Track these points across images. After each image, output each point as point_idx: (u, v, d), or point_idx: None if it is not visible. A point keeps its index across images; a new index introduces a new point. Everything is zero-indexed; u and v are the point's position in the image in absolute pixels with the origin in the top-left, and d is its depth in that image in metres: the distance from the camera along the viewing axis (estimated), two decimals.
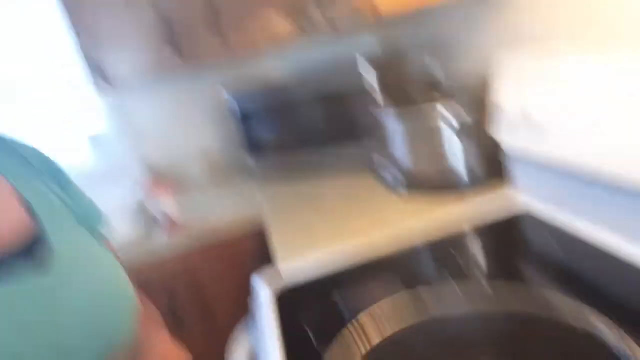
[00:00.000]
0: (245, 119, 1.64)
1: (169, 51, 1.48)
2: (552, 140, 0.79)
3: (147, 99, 1.83)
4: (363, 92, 1.36)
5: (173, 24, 1.47)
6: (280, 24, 1.50)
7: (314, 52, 1.84)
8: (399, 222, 1.02)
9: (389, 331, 0.68)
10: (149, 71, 1.51)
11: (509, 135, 0.91)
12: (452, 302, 0.72)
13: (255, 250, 1.41)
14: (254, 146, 1.66)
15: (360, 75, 1.36)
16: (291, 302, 0.84)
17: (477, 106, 1.02)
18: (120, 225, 1.49)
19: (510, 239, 0.90)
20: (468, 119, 1.02)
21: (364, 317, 0.73)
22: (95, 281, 0.53)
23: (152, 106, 1.84)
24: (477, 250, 0.88)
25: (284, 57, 1.85)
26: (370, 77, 1.35)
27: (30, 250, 0.48)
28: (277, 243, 1.06)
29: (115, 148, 1.83)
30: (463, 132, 1.03)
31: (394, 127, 1.17)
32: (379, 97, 1.36)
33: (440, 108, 1.04)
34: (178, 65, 1.50)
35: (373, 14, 0.95)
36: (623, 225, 0.73)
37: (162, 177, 1.81)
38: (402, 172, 1.17)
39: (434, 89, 1.19)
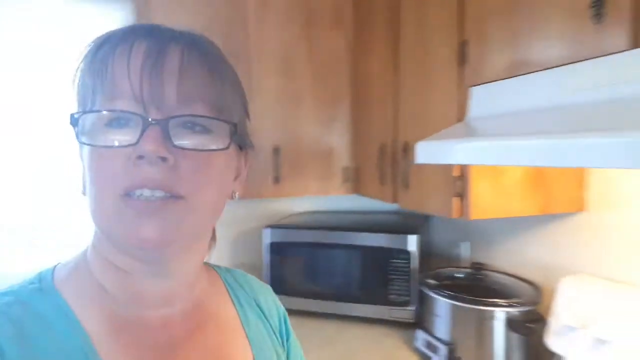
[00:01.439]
0: (276, 251, 1.69)
1: None
2: (607, 356, 0.94)
3: None
4: (405, 256, 1.50)
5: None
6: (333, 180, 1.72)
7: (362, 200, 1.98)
8: None
9: None
10: None
11: (563, 343, 1.06)
12: None
13: None
14: (279, 283, 1.68)
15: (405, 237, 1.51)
16: None
17: (532, 312, 1.17)
18: None
19: None
20: (520, 319, 1.16)
21: None
22: None
23: None
24: None
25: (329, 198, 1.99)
26: (415, 243, 1.50)
27: None
28: None
29: None
30: (513, 331, 1.16)
31: (442, 309, 1.28)
32: (420, 265, 1.51)
33: (497, 308, 1.18)
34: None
35: (459, 215, 1.11)
36: None
37: None
38: (443, 352, 1.25)
39: (484, 282, 1.33)
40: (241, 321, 0.59)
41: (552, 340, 1.09)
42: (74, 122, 0.46)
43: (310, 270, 1.65)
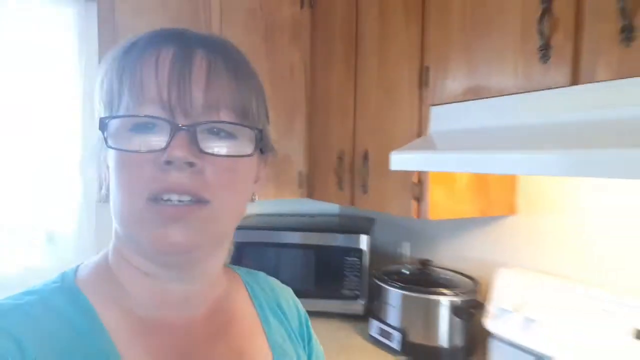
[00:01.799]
0: (235, 252, 1.76)
1: None
2: (538, 335, 1.17)
3: None
4: (357, 254, 1.67)
5: None
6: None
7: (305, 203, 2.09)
8: None
9: None
10: None
11: (499, 324, 1.27)
12: None
13: None
14: None
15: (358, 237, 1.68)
16: None
17: (472, 300, 1.39)
18: None
19: None
20: (462, 306, 1.37)
21: None
22: None
23: None
24: None
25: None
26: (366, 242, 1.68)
27: None
28: None
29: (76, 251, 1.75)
30: (456, 316, 1.36)
31: (395, 299, 1.46)
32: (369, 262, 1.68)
33: (443, 297, 1.38)
34: None
35: (417, 216, 1.29)
36: None
37: None
38: (397, 338, 1.43)
39: (430, 276, 1.53)
40: (262, 323, 0.60)
41: (490, 322, 1.30)
42: (104, 126, 0.46)
43: (270, 268, 1.73)
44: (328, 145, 1.70)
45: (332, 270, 1.68)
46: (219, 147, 0.47)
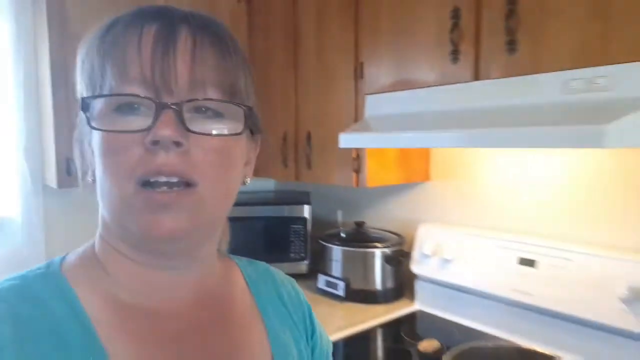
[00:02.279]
0: None
1: None
2: (452, 271, 1.52)
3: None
4: (302, 222, 1.95)
5: None
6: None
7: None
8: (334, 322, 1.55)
9: None
10: None
11: (422, 266, 1.62)
12: None
13: None
14: None
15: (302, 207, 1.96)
16: None
17: (400, 250, 1.73)
18: None
19: (409, 327, 1.56)
20: (392, 256, 1.70)
21: None
22: None
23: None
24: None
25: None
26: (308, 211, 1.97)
27: None
28: None
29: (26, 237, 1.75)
30: (388, 264, 1.69)
31: (338, 255, 1.76)
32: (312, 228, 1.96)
33: (376, 249, 1.71)
34: None
35: (356, 185, 1.57)
36: (486, 318, 1.46)
37: None
38: (341, 286, 1.72)
39: (364, 235, 1.84)
40: (261, 315, 0.58)
41: (415, 266, 1.64)
42: (86, 107, 0.44)
43: None
44: (272, 127, 1.92)
45: (280, 237, 1.93)
46: (206, 126, 0.45)
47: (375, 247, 1.70)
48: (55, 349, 0.42)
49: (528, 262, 1.33)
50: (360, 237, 1.79)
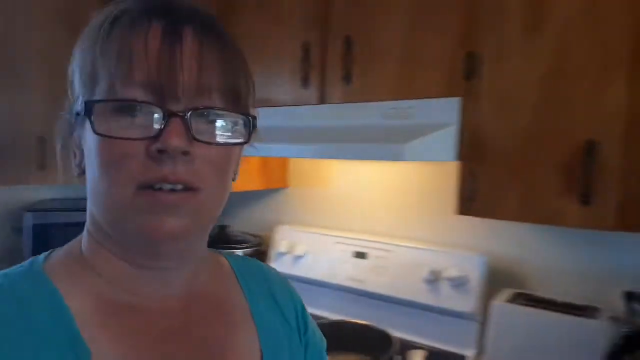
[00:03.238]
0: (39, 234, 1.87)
1: None
2: (302, 266, 1.73)
3: None
4: None
5: None
6: None
7: None
8: None
9: None
10: None
11: (278, 263, 1.81)
12: None
13: None
14: None
15: None
16: None
17: (258, 250, 1.92)
18: None
19: None
20: (251, 254, 1.85)
21: None
22: None
23: None
24: None
25: None
26: None
27: None
28: None
29: None
30: None
31: None
32: None
33: (237, 250, 1.88)
34: None
35: None
36: (330, 306, 1.70)
37: None
38: None
39: (228, 237, 1.99)
40: (251, 312, 0.57)
41: (272, 263, 1.83)
42: (90, 110, 0.42)
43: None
44: None
45: None
46: (213, 135, 0.45)
47: (235, 248, 1.86)
48: (37, 348, 0.42)
49: (361, 255, 1.62)
50: (223, 240, 1.94)
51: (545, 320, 1.22)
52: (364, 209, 1.74)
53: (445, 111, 1.21)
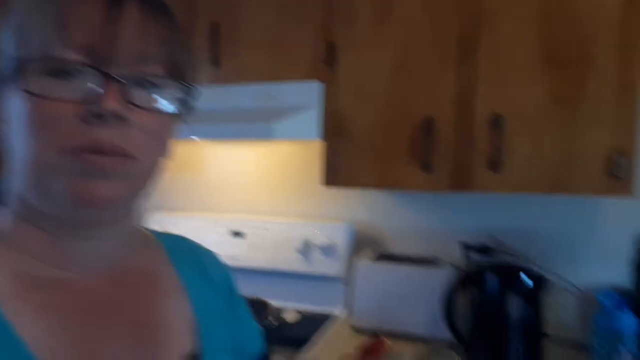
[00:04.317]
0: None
1: None
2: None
3: None
4: None
5: None
6: None
7: None
8: None
9: None
10: None
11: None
12: None
13: None
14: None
15: None
16: None
17: None
18: None
19: None
20: None
21: None
22: None
23: None
24: None
25: None
26: None
27: None
28: None
29: None
30: None
31: None
32: None
33: None
34: None
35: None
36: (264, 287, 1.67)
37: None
38: None
39: None
40: (181, 283, 0.56)
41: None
42: (21, 68, 0.41)
43: None
44: None
45: None
46: (151, 102, 0.43)
47: None
48: None
49: (238, 234, 1.69)
50: None
51: (400, 274, 1.42)
52: (239, 191, 1.81)
53: (310, 94, 1.33)
